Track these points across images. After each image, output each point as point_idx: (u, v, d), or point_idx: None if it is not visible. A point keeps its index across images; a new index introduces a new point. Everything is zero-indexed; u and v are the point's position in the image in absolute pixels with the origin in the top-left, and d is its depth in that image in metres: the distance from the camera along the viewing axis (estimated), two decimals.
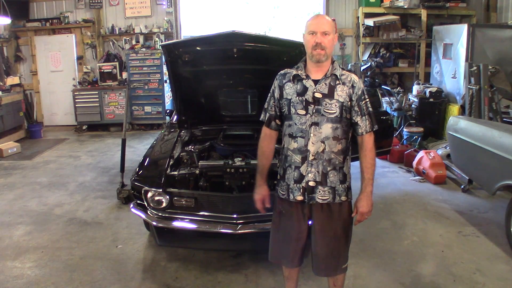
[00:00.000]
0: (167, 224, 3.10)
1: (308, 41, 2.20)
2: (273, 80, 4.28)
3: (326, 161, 2.25)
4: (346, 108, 2.24)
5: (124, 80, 8.47)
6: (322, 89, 2.23)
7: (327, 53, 2.19)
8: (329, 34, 2.18)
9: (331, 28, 2.19)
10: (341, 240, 2.38)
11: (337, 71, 2.25)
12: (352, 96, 2.24)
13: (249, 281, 3.18)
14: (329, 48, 2.20)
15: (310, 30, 2.20)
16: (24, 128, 8.25)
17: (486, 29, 6.54)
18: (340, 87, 2.23)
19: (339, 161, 2.28)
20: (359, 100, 2.25)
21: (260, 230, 3.04)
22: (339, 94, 2.22)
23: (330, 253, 2.39)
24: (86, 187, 5.31)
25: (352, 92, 2.24)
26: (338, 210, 2.33)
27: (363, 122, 2.26)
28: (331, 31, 2.19)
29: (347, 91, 2.23)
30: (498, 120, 5.36)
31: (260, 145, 2.54)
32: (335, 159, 2.26)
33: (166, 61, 3.86)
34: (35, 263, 3.46)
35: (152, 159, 3.66)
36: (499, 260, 3.41)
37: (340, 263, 2.42)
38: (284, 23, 14.62)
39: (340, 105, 2.22)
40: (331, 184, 2.28)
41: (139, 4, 8.74)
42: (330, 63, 2.26)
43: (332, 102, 2.22)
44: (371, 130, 2.30)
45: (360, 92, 2.25)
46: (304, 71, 2.29)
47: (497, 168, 3.74)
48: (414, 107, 6.84)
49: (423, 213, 4.35)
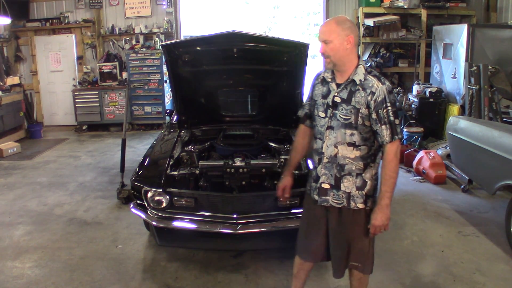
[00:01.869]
0: (167, 224, 3.10)
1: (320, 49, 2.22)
2: (273, 80, 4.31)
3: (339, 166, 2.24)
4: (363, 115, 2.16)
5: (124, 80, 8.47)
6: (342, 94, 2.21)
7: (333, 60, 2.17)
8: (330, 42, 2.13)
9: (331, 35, 2.13)
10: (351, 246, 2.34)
11: (357, 77, 2.18)
12: (370, 103, 2.14)
13: (249, 281, 3.18)
14: (334, 56, 2.15)
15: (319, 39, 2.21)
16: (24, 128, 8.25)
17: (486, 29, 6.54)
18: (359, 93, 2.16)
19: (356, 167, 2.23)
20: (377, 108, 2.13)
21: (260, 230, 3.05)
22: (357, 100, 2.16)
23: (336, 253, 2.39)
24: (86, 187, 5.31)
25: (370, 99, 2.14)
26: (352, 216, 2.29)
27: (382, 132, 2.15)
28: (332, 38, 2.13)
29: (365, 98, 2.14)
30: (498, 120, 5.35)
31: (294, 139, 2.64)
32: (350, 165, 2.23)
33: (166, 61, 3.86)
34: (35, 263, 3.46)
35: (152, 159, 3.66)
36: (499, 260, 3.41)
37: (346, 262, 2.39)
38: (284, 23, 14.63)
39: (355, 111, 2.16)
40: (345, 189, 2.25)
41: (139, 4, 8.74)
42: (354, 67, 2.19)
43: (348, 108, 2.18)
44: (391, 140, 2.15)
45: (380, 99, 2.13)
46: (330, 74, 2.29)
47: (497, 168, 3.74)
48: (414, 107, 6.84)
49: (423, 213, 4.35)
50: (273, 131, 4.26)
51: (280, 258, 3.44)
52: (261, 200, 3.16)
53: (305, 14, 14.60)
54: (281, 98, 4.17)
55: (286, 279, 3.17)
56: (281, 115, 4.24)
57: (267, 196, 3.20)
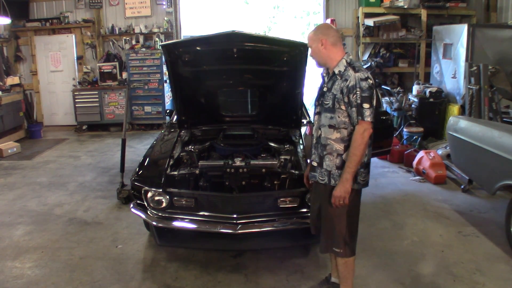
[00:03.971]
0: (167, 224, 3.11)
1: None
2: (273, 80, 4.31)
3: (322, 146, 2.57)
4: (339, 100, 2.47)
5: (124, 80, 8.46)
6: (329, 84, 2.56)
7: (317, 60, 2.57)
8: (310, 47, 2.56)
9: (310, 42, 2.54)
10: (333, 221, 2.59)
11: (337, 68, 2.51)
12: (343, 89, 2.45)
13: (249, 281, 3.18)
14: (315, 57, 2.56)
15: None
16: (24, 128, 8.24)
17: (486, 29, 6.54)
18: (338, 81, 2.50)
19: (337, 148, 2.52)
20: (348, 93, 2.43)
21: (260, 230, 3.05)
22: (335, 87, 2.50)
23: (322, 229, 2.67)
24: (86, 187, 5.31)
25: (343, 85, 2.45)
26: (329, 192, 2.54)
27: (353, 114, 2.44)
28: (311, 44, 2.54)
29: (341, 85, 2.47)
30: (498, 120, 5.36)
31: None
32: (331, 145, 2.53)
33: (166, 61, 3.85)
34: (35, 263, 3.46)
35: (152, 159, 3.66)
36: (499, 260, 3.41)
37: (329, 243, 2.63)
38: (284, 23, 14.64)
39: (333, 97, 2.50)
40: (326, 167, 2.55)
41: (139, 4, 8.74)
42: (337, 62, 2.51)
43: (329, 95, 2.53)
44: (357, 121, 2.43)
45: (351, 84, 2.42)
46: (325, 70, 2.64)
47: (497, 168, 3.74)
48: (414, 107, 6.84)
49: (423, 213, 4.34)
50: (273, 131, 4.26)
51: (280, 258, 3.44)
52: (261, 200, 3.17)
53: (305, 14, 14.59)
54: (281, 98, 4.17)
55: (286, 279, 3.17)
56: (281, 115, 4.24)
57: (267, 196, 3.21)
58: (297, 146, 3.84)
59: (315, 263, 3.38)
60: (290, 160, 3.46)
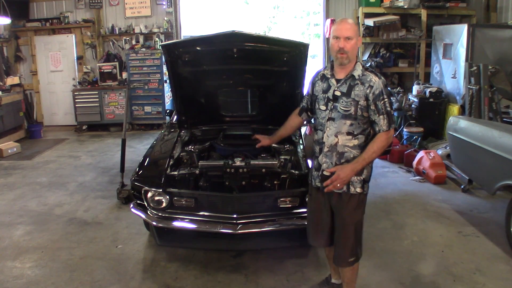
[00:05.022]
0: (167, 224, 3.10)
1: (332, 45, 2.40)
2: (273, 80, 4.32)
3: (339, 154, 2.45)
4: (362, 107, 2.38)
5: (124, 80, 8.46)
6: (342, 88, 2.43)
7: (349, 56, 2.37)
8: (351, 39, 2.34)
9: (354, 33, 2.35)
10: (349, 232, 2.51)
11: (356, 72, 2.41)
12: (368, 96, 2.36)
13: (249, 281, 3.18)
14: (351, 52, 2.36)
15: (334, 35, 2.38)
16: (24, 128, 8.25)
17: (486, 29, 6.54)
18: (358, 87, 2.38)
19: (354, 155, 2.43)
20: (376, 100, 2.36)
21: (260, 230, 3.04)
22: (356, 93, 2.38)
23: (337, 242, 2.57)
24: (86, 187, 5.31)
25: (369, 92, 2.36)
26: (348, 200, 2.47)
27: (381, 121, 2.38)
28: (354, 36, 2.35)
29: (364, 91, 2.37)
30: (498, 120, 5.35)
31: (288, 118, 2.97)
32: (349, 153, 2.44)
33: (166, 61, 3.85)
34: (35, 263, 3.46)
35: (152, 159, 3.66)
36: (499, 260, 3.41)
37: (345, 255, 2.55)
38: (284, 23, 14.65)
39: (355, 103, 2.38)
40: None
41: (139, 4, 8.74)
42: (354, 64, 2.42)
43: (348, 101, 2.39)
44: (388, 129, 2.39)
45: (378, 92, 2.35)
46: (330, 71, 2.51)
47: (497, 168, 3.74)
48: (414, 107, 6.84)
49: (423, 213, 4.34)
50: (273, 131, 4.25)
51: (280, 258, 3.44)
52: (261, 200, 3.17)
53: (305, 14, 14.62)
54: (281, 98, 4.17)
55: (286, 279, 3.17)
56: (281, 115, 4.22)
57: (267, 196, 3.21)
58: (297, 146, 3.83)
59: (315, 263, 3.38)
60: (290, 160, 3.46)
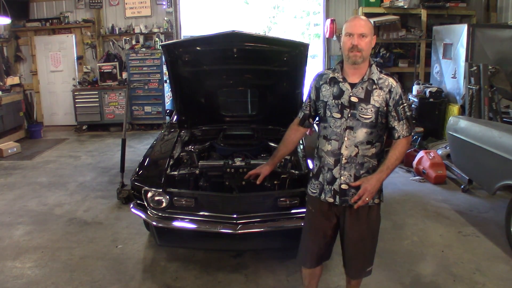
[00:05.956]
0: (167, 224, 3.10)
1: (344, 43, 2.18)
2: (273, 80, 4.30)
3: (359, 165, 2.24)
4: (382, 113, 2.21)
5: (124, 80, 8.46)
6: (359, 93, 2.20)
7: (363, 55, 2.16)
8: (366, 36, 2.14)
9: (368, 30, 2.15)
10: (367, 242, 2.38)
11: (375, 75, 2.21)
12: (389, 101, 2.20)
13: (249, 281, 3.18)
14: (366, 50, 2.16)
15: (347, 32, 2.17)
16: (24, 128, 8.24)
17: (486, 29, 6.54)
18: (377, 91, 2.20)
19: (373, 165, 2.26)
20: (396, 105, 2.20)
21: (260, 230, 3.04)
22: (376, 99, 2.19)
23: (356, 255, 2.40)
24: (86, 187, 5.31)
25: (389, 97, 2.20)
26: (367, 212, 2.31)
27: (401, 127, 2.23)
28: (368, 33, 2.15)
29: (384, 96, 2.20)
30: (498, 120, 5.35)
31: (286, 133, 2.58)
32: (368, 163, 2.25)
33: (166, 61, 3.86)
34: (35, 263, 3.46)
35: (152, 159, 3.66)
36: (499, 260, 3.41)
37: (364, 266, 2.44)
38: (284, 23, 14.64)
39: (376, 110, 2.19)
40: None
41: (139, 4, 8.74)
42: (368, 66, 2.22)
43: (368, 107, 2.19)
44: (409, 134, 2.26)
45: (398, 97, 2.20)
46: (340, 74, 2.26)
47: (497, 168, 3.74)
48: (414, 107, 6.84)
49: (423, 213, 4.35)
50: (273, 131, 4.26)
51: (280, 258, 3.44)
52: (261, 200, 3.17)
53: (305, 14, 14.61)
54: (281, 98, 4.17)
55: (286, 279, 3.17)
56: (281, 115, 4.23)
57: (267, 196, 3.21)
58: (297, 146, 3.84)
59: None
60: (290, 160, 3.46)
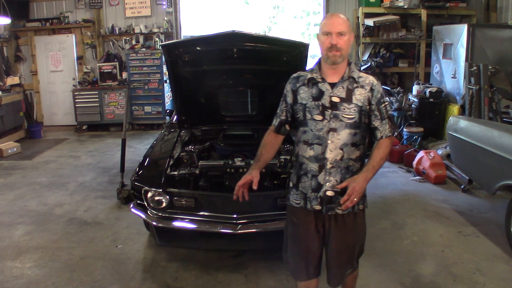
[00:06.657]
0: (167, 224, 3.10)
1: (322, 42, 2.09)
2: (273, 80, 4.29)
3: (344, 169, 2.13)
4: (365, 113, 2.13)
5: (124, 80, 8.46)
6: (340, 92, 2.11)
7: (343, 54, 2.07)
8: (345, 35, 2.05)
9: (347, 28, 2.06)
10: (355, 250, 2.30)
11: (355, 74, 2.14)
12: (371, 100, 2.13)
13: (249, 281, 3.18)
14: (345, 49, 2.07)
15: (324, 31, 2.07)
16: (24, 128, 8.24)
17: (486, 29, 6.54)
18: (359, 90, 2.12)
19: (356, 168, 2.15)
20: (378, 104, 2.14)
21: (260, 230, 3.04)
22: (358, 97, 2.11)
23: (340, 264, 2.30)
24: (86, 187, 5.31)
25: (371, 96, 2.13)
26: (353, 220, 2.22)
27: (383, 126, 2.15)
28: (347, 31, 2.06)
29: (366, 95, 2.12)
30: (498, 120, 5.36)
31: (264, 139, 2.40)
32: (352, 166, 2.14)
33: (166, 61, 3.85)
34: (35, 263, 3.46)
35: (152, 159, 3.66)
36: (499, 260, 3.41)
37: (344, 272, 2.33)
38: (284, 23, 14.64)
39: (358, 109, 2.11)
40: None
41: (139, 4, 8.74)
42: (347, 65, 2.15)
43: (350, 107, 2.10)
44: (392, 134, 2.17)
45: (379, 95, 2.14)
46: (319, 74, 2.16)
47: (497, 168, 3.74)
48: (414, 107, 6.84)
49: (423, 213, 4.34)
50: None
51: (280, 258, 3.42)
52: (261, 200, 3.16)
53: (305, 14, 14.61)
54: None
55: (286, 279, 3.17)
56: None
57: (267, 196, 3.21)
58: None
59: None
60: (290, 160, 3.46)
